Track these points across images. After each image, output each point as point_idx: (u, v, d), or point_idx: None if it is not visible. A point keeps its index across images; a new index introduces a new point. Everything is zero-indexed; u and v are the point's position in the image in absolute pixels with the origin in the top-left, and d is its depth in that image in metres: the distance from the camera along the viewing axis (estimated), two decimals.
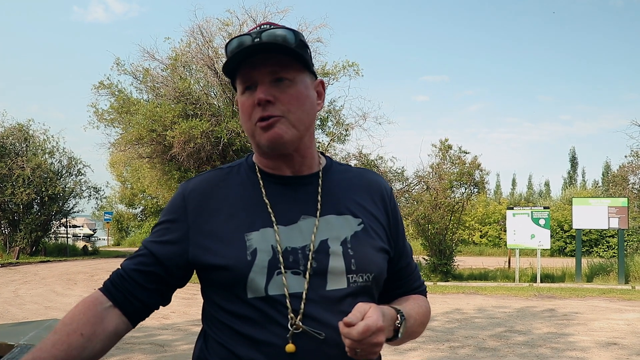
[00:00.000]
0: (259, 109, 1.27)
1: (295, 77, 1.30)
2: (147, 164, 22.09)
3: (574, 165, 59.65)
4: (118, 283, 1.31)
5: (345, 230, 1.32)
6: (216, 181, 1.36)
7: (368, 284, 1.31)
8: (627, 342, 7.59)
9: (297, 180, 1.36)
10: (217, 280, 1.27)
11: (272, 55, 1.27)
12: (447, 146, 18.01)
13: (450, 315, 10.11)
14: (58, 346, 1.20)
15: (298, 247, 1.27)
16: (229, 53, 1.29)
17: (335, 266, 1.27)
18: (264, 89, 1.27)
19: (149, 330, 8.36)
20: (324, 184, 1.37)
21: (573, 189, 40.19)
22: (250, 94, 1.29)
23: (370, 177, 1.46)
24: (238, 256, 1.24)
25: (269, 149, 1.31)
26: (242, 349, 1.23)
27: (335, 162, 1.46)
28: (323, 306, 1.23)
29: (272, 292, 1.22)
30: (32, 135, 25.46)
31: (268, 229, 1.27)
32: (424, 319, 1.43)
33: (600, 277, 16.31)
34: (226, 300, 1.26)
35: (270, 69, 1.28)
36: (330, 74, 19.43)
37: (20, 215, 24.72)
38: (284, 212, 1.30)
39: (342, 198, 1.37)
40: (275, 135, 1.27)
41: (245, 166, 1.40)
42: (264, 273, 1.22)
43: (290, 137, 1.29)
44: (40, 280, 15.83)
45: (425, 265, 17.53)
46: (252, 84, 1.29)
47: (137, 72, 19.63)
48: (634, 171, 21.93)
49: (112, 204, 43.97)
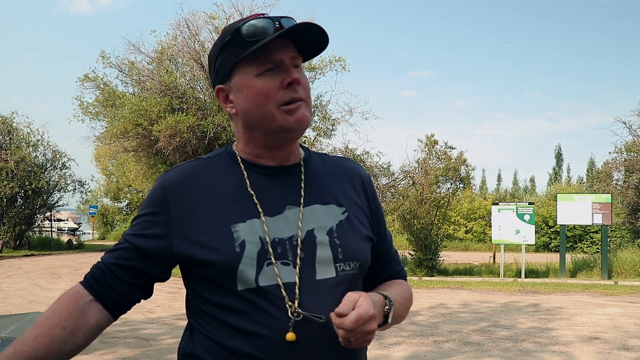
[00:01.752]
0: (288, 91, 1.26)
1: (301, 66, 1.33)
2: (133, 158, 21.95)
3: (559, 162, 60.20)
4: (99, 277, 1.29)
5: (330, 219, 1.32)
6: (197, 172, 1.33)
7: (355, 272, 1.31)
8: (609, 336, 7.67)
9: (281, 170, 1.35)
10: (204, 274, 1.25)
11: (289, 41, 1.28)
12: (433, 141, 18.07)
13: (435, 309, 10.16)
14: (40, 339, 1.19)
15: (285, 237, 1.26)
16: (250, 35, 1.25)
17: (323, 256, 1.27)
18: (294, 71, 1.27)
19: (134, 324, 8.32)
20: (307, 173, 1.36)
21: (558, 185, 40.45)
22: (273, 76, 1.26)
23: (348, 165, 1.46)
24: (226, 248, 1.22)
25: (292, 133, 1.30)
26: (233, 342, 1.21)
27: (313, 152, 1.46)
28: (314, 295, 1.23)
29: (263, 283, 1.21)
30: (16, 128, 25.23)
31: (255, 219, 1.26)
32: (408, 303, 1.45)
33: (583, 272, 16.47)
34: (214, 293, 1.25)
35: (292, 54, 1.28)
36: (317, 69, 19.41)
37: (4, 209, 24.48)
38: (270, 202, 1.29)
39: (325, 187, 1.37)
40: (303, 117, 1.28)
41: (226, 155, 1.37)
42: (253, 264, 1.21)
43: (309, 121, 1.31)
44: (24, 274, 15.70)
45: (410, 260, 17.60)
46: (276, 66, 1.27)
47: (122, 65, 19.50)
48: (617, 167, 22.13)
49: (97, 198, 43.69)
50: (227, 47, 1.28)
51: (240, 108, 1.31)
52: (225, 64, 1.30)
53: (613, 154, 22.45)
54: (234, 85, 1.30)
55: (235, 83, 1.30)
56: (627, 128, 21.03)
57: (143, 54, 19.34)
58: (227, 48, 1.28)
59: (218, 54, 1.32)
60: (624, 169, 21.79)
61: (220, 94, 1.35)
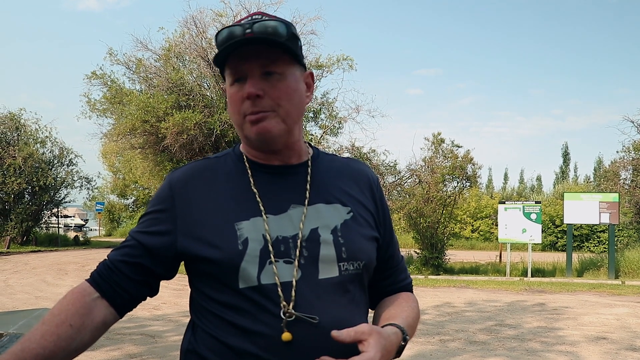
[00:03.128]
0: (249, 103, 1.26)
1: (285, 71, 1.28)
2: (140, 155, 22.03)
3: (566, 160, 59.88)
4: (105, 274, 1.30)
5: (335, 218, 1.31)
6: (203, 171, 1.35)
7: (359, 272, 1.31)
8: (616, 336, 7.64)
9: (286, 169, 1.35)
10: (207, 271, 1.25)
11: (262, 47, 1.25)
12: (439, 140, 18.04)
13: (440, 308, 10.15)
14: (47, 337, 1.19)
15: (289, 235, 1.26)
16: (219, 43, 1.27)
17: (327, 254, 1.26)
18: (254, 82, 1.25)
19: (140, 321, 8.35)
20: (313, 173, 1.37)
21: (565, 184, 40.34)
22: (240, 87, 1.27)
23: (356, 166, 1.46)
24: (229, 246, 1.23)
25: (257, 142, 1.30)
26: (234, 340, 1.21)
27: (322, 152, 1.46)
28: (315, 294, 1.23)
29: (265, 281, 1.21)
30: (24, 124, 25.34)
31: (258, 218, 1.26)
32: (417, 323, 1.43)
33: (590, 272, 16.42)
34: (217, 290, 1.25)
35: (261, 62, 1.26)
36: (324, 67, 19.41)
37: (11, 205, 24.61)
38: (274, 201, 1.30)
39: (330, 187, 1.36)
40: (264, 130, 1.26)
41: (233, 156, 1.38)
42: (255, 262, 1.22)
43: (279, 131, 1.28)
44: (31, 270, 15.77)
45: (416, 259, 17.59)
46: (242, 77, 1.27)
47: (130, 63, 19.56)
48: (625, 167, 22.05)
49: (103, 195, 43.87)
50: (215, 56, 1.30)
51: None
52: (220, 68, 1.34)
53: (620, 152, 22.45)
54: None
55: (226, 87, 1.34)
56: (635, 127, 20.97)
57: (150, 51, 19.40)
58: (215, 57, 1.30)
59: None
60: (632, 168, 21.71)
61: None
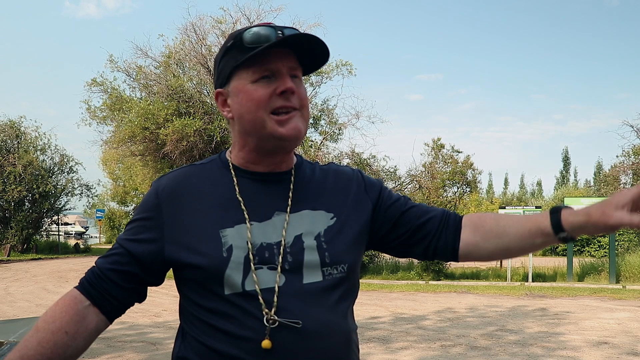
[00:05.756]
0: (280, 99, 1.27)
1: (301, 78, 1.34)
2: (140, 162, 22.04)
3: (566, 165, 59.95)
4: (95, 282, 1.30)
5: (319, 225, 1.33)
6: (189, 177, 1.36)
7: (343, 275, 1.32)
8: (617, 341, 7.63)
9: (271, 176, 1.36)
10: (194, 278, 1.27)
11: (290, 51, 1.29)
12: (439, 145, 18.07)
13: (442, 314, 10.13)
14: (44, 344, 1.21)
15: (273, 242, 1.28)
16: (256, 40, 1.26)
17: (310, 260, 1.28)
18: (289, 80, 1.28)
19: (141, 328, 8.33)
20: (296, 180, 1.38)
21: (565, 189, 40.30)
22: (268, 83, 1.27)
23: (337, 169, 1.47)
24: (214, 253, 1.24)
25: (280, 142, 1.30)
26: (220, 345, 1.23)
27: (305, 160, 1.47)
28: (300, 299, 1.24)
29: (249, 287, 1.23)
30: (24, 132, 25.39)
31: (242, 225, 1.28)
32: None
33: (591, 276, 16.38)
34: (203, 297, 1.27)
35: (291, 65, 1.29)
36: (324, 73, 19.44)
37: (12, 213, 24.63)
38: (258, 208, 1.31)
39: (314, 194, 1.38)
40: (296, 129, 1.28)
41: (219, 162, 1.39)
42: (240, 269, 1.23)
43: (304, 131, 1.32)
44: (32, 278, 15.77)
45: (417, 264, 17.56)
46: (271, 74, 1.28)
47: (130, 70, 19.60)
48: (625, 171, 22.05)
49: (104, 202, 43.86)
50: (229, 52, 1.30)
51: (235, 113, 1.32)
52: (226, 69, 1.32)
53: (621, 157, 22.42)
54: (232, 89, 1.32)
55: (233, 88, 1.31)
56: (635, 131, 20.97)
57: (150, 58, 19.47)
58: (229, 53, 1.30)
59: (221, 58, 1.34)
60: (632, 172, 21.70)
61: (219, 97, 1.36)
